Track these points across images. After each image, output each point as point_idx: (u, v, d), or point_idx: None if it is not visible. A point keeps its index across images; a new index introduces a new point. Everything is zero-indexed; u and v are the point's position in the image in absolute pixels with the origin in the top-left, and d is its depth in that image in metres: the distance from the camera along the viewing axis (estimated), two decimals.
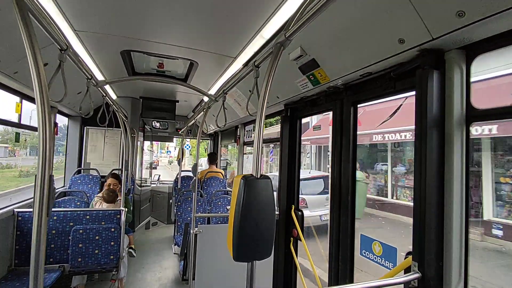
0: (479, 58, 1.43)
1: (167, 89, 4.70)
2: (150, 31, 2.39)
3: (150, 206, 6.77)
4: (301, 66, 2.29)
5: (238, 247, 1.01)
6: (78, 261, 3.08)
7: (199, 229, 2.67)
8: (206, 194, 5.39)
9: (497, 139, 6.88)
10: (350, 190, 2.26)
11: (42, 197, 0.92)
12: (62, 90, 1.74)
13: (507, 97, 5.63)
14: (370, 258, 2.09)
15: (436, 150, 1.48)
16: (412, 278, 1.49)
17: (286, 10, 1.79)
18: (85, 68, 2.06)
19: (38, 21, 1.20)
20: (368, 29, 1.63)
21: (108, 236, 3.20)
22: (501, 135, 6.50)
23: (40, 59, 0.97)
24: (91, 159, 5.36)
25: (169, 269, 4.65)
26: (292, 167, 3.10)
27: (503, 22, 1.17)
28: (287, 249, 3.05)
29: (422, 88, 1.52)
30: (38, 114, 0.95)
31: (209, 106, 2.87)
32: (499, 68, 5.64)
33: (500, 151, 7.15)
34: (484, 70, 5.47)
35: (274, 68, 1.14)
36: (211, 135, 7.60)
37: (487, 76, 5.70)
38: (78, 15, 2.09)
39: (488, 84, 5.67)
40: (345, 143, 2.31)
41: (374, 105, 9.09)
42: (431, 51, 1.48)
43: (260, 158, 1.11)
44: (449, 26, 1.28)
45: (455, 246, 1.44)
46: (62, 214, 3.22)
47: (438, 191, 1.48)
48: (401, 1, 1.33)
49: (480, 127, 6.31)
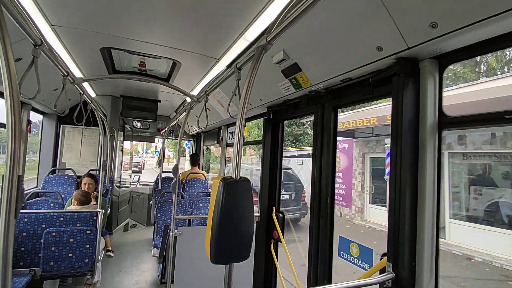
0: (450, 67, 1.50)
1: (149, 88, 4.61)
2: (132, 29, 2.34)
3: (129, 208, 6.59)
4: (283, 70, 2.32)
5: (216, 250, 1.00)
6: (50, 264, 2.94)
7: (179, 231, 2.63)
8: (188, 195, 5.31)
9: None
10: (330, 193, 2.31)
11: (9, 198, 0.88)
12: (36, 86, 1.67)
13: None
14: (347, 260, 2.14)
15: (410, 155, 1.55)
16: (387, 278, 1.54)
17: (269, 14, 1.80)
18: (62, 65, 1.99)
19: (12, 14, 1.15)
20: (349, 36, 1.67)
21: (83, 239, 3.08)
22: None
23: (11, 54, 0.93)
24: (67, 159, 5.15)
25: (147, 272, 4.54)
26: (274, 169, 3.13)
27: (472, 34, 1.24)
28: (267, 251, 3.06)
29: (398, 95, 1.58)
30: (7, 110, 0.90)
31: (192, 107, 2.85)
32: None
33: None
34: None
35: (255, 71, 1.15)
36: (194, 136, 7.52)
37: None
38: (55, 9, 2.02)
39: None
40: (326, 147, 2.35)
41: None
42: (407, 59, 1.55)
43: (239, 160, 1.11)
44: (423, 37, 1.34)
45: (427, 247, 1.50)
46: (33, 216, 3.07)
47: (412, 195, 1.54)
48: (379, 10, 1.38)
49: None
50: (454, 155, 7.77)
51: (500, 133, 6.94)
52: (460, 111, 1.50)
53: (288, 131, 16.07)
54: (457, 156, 7.73)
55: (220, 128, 5.50)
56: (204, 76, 3.32)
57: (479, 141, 7.36)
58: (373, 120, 8.18)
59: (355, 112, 10.16)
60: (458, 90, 7.17)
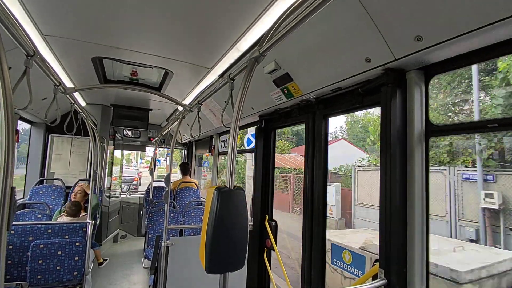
0: (435, 78, 1.57)
1: (140, 97, 4.59)
2: (123, 39, 2.34)
3: (119, 218, 6.46)
4: (275, 79, 2.36)
5: (210, 259, 1.00)
6: (38, 278, 2.85)
7: (171, 242, 2.60)
8: (179, 205, 5.25)
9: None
10: (322, 200, 2.33)
11: (2, 210, 0.87)
12: (26, 96, 1.65)
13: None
14: (340, 267, 2.16)
15: (399, 163, 1.59)
16: (379, 284, 1.56)
17: (262, 25, 1.85)
18: (53, 75, 1.97)
19: (3, 24, 1.15)
20: (338, 47, 1.73)
21: (72, 251, 3.00)
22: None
23: (5, 65, 0.93)
24: (55, 169, 5.04)
25: (138, 284, 4.44)
26: (266, 177, 3.14)
27: (455, 47, 1.31)
28: (260, 259, 3.05)
29: (386, 104, 1.63)
30: (2, 121, 0.90)
31: (184, 116, 2.85)
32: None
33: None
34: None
35: (248, 82, 1.17)
36: (185, 145, 7.48)
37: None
38: (47, 19, 2.01)
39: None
40: (317, 155, 2.39)
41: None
42: (394, 70, 1.60)
43: (233, 169, 1.12)
44: (408, 49, 1.40)
45: (417, 253, 1.53)
46: (20, 228, 2.98)
47: (402, 202, 1.58)
48: (367, 23, 1.44)
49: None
50: None
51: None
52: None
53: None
54: None
55: (212, 137, 5.49)
56: (196, 85, 3.33)
57: None
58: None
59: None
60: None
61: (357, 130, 24.17)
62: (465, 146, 8.73)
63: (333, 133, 26.22)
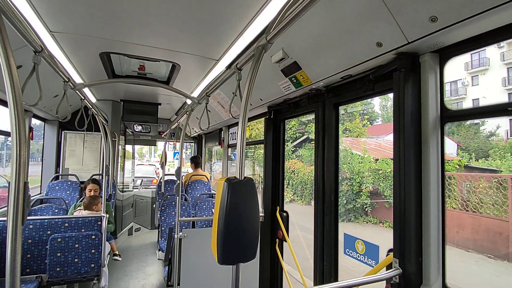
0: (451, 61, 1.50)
1: (148, 92, 4.61)
2: (130, 33, 2.34)
3: (132, 212, 6.60)
4: (283, 69, 2.31)
5: (222, 250, 1.00)
6: (57, 270, 2.95)
7: (184, 234, 2.63)
8: (191, 197, 5.32)
9: None
10: (334, 190, 2.30)
11: (16, 205, 0.88)
12: (37, 93, 1.67)
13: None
14: (353, 257, 2.14)
15: (413, 149, 1.54)
16: (394, 274, 1.53)
17: (268, 12, 1.80)
18: (62, 71, 1.99)
19: (11, 22, 1.15)
20: (348, 32, 1.67)
21: (89, 244, 3.09)
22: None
23: (12, 62, 0.93)
24: (69, 165, 5.17)
25: (153, 275, 4.55)
26: (277, 168, 3.12)
27: (472, 27, 1.24)
28: (272, 250, 3.06)
29: (399, 90, 1.58)
30: (11, 118, 0.91)
31: (192, 109, 2.85)
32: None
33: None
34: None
35: (256, 71, 1.15)
36: (195, 138, 7.52)
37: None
38: (54, 15, 2.02)
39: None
40: (328, 144, 2.35)
41: None
42: (407, 54, 1.54)
43: (243, 160, 1.11)
44: (423, 31, 1.33)
45: (433, 242, 1.49)
46: (38, 223, 3.08)
47: (416, 190, 1.54)
48: (378, 6, 1.38)
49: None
50: None
51: None
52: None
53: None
54: None
55: (221, 129, 5.50)
56: (204, 77, 3.32)
57: None
58: None
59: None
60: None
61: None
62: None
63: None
